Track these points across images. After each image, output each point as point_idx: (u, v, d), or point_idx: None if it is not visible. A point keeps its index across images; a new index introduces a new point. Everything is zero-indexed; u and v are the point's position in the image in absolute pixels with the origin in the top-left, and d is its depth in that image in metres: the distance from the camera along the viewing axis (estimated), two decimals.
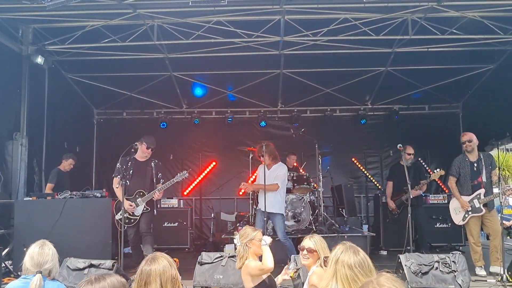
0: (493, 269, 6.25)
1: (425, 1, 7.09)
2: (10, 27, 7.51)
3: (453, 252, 5.49)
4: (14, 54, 7.70)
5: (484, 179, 6.48)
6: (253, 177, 10.04)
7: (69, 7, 6.47)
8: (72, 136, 9.52)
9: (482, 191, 6.45)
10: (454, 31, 7.81)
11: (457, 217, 6.62)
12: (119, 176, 6.48)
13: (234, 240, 4.36)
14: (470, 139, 6.62)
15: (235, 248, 4.43)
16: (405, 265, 5.21)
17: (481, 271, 6.27)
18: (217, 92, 10.33)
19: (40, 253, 3.25)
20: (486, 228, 6.62)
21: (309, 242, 3.92)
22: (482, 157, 6.61)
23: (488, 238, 7.05)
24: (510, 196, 6.65)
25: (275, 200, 6.86)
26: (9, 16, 7.20)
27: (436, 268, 5.21)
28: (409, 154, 8.01)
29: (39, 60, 7.86)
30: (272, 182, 6.84)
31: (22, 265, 3.30)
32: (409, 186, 6.54)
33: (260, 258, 4.29)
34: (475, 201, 6.43)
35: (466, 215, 6.47)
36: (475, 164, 6.53)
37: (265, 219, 6.75)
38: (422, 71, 9.44)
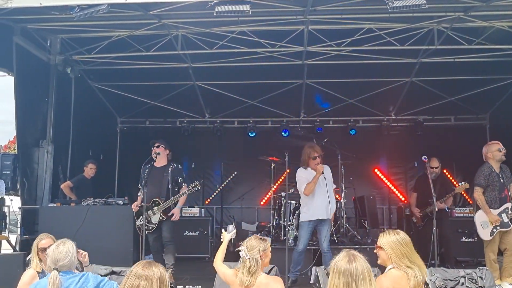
0: (505, 285, 5.94)
1: (451, 11, 6.99)
2: (39, 37, 7.71)
3: (480, 267, 5.31)
4: (42, 63, 7.88)
5: (509, 192, 6.17)
6: (274, 187, 10.04)
7: (96, 18, 6.57)
8: (96, 144, 9.66)
9: (509, 204, 6.11)
10: (481, 41, 7.65)
11: (485, 232, 6.16)
12: (140, 185, 6.73)
13: (241, 253, 3.84)
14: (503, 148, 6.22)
15: (242, 262, 3.86)
16: (430, 280, 5.04)
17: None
18: (239, 102, 10.35)
19: (54, 250, 3.44)
20: (502, 243, 6.20)
21: (380, 238, 3.52)
22: (503, 169, 6.28)
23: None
24: None
25: None
26: (39, 26, 7.39)
27: (462, 284, 5.02)
28: (435, 168, 7.61)
29: (66, 69, 8.02)
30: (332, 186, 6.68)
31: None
32: (434, 198, 6.38)
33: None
34: (503, 215, 6.05)
35: (494, 230, 6.07)
36: (501, 176, 6.19)
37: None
38: (448, 82, 9.25)
